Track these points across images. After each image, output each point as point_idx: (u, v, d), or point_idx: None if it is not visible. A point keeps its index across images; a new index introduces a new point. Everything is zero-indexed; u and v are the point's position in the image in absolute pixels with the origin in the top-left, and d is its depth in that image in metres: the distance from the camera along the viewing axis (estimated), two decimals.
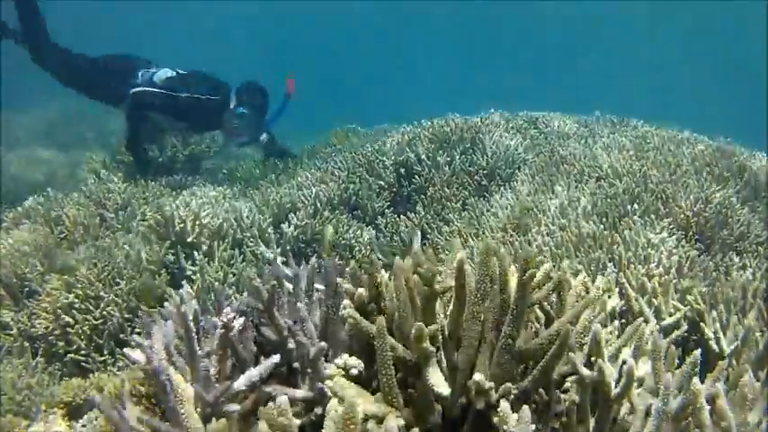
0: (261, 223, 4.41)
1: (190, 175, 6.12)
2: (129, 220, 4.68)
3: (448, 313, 1.94)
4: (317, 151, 6.83)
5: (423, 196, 5.01)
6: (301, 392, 2.02)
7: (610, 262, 3.32)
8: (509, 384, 1.76)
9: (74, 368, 3.85)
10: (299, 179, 5.46)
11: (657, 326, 2.84)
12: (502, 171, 5.14)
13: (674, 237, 3.65)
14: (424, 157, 5.24)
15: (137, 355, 2.15)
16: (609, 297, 2.67)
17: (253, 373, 1.94)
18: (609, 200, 4.06)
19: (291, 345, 2.16)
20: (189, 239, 4.22)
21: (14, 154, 8.38)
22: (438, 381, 1.76)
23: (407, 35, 38.50)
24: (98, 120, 10.74)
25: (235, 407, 1.85)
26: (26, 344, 3.99)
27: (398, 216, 4.93)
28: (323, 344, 2.00)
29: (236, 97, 6.32)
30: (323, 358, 2.03)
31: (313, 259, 2.41)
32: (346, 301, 2.08)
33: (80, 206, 4.92)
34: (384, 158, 5.37)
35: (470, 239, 4.04)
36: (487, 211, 4.40)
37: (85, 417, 3.23)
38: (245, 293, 2.87)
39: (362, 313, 2.03)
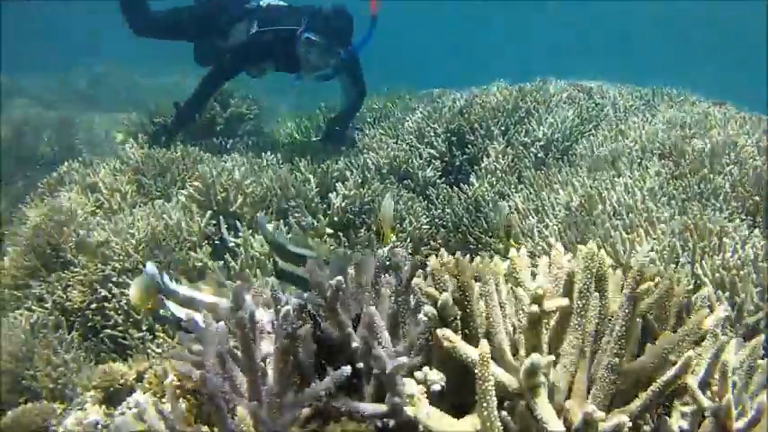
0: (307, 192, 4.18)
1: (230, 139, 5.87)
2: (168, 188, 4.47)
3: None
4: (361, 116, 6.47)
5: (476, 167, 4.78)
6: (373, 408, 1.81)
7: (682, 250, 3.06)
8: (625, 418, 1.55)
9: (111, 344, 3.69)
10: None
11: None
12: (559, 143, 4.89)
13: (745, 223, 3.36)
14: (477, 125, 4.99)
15: (184, 368, 1.95)
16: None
17: (319, 388, 1.73)
18: (674, 180, 3.78)
19: (355, 344, 1.95)
20: (232, 209, 4.01)
21: (47, 116, 8.20)
22: (550, 416, 1.55)
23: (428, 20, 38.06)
24: (132, 80, 10.59)
25: None
26: (61, 317, 3.84)
27: (451, 187, 4.69)
28: (404, 360, 1.78)
29: (306, 23, 5.37)
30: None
31: (381, 250, 2.18)
32: (428, 308, 1.85)
33: (117, 172, 4.71)
34: (435, 126, 5.13)
35: (530, 216, 3.81)
36: (546, 186, 4.16)
37: (123, 404, 3.07)
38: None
39: (443, 319, 1.84)
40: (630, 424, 1.56)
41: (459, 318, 1.88)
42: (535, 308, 1.62)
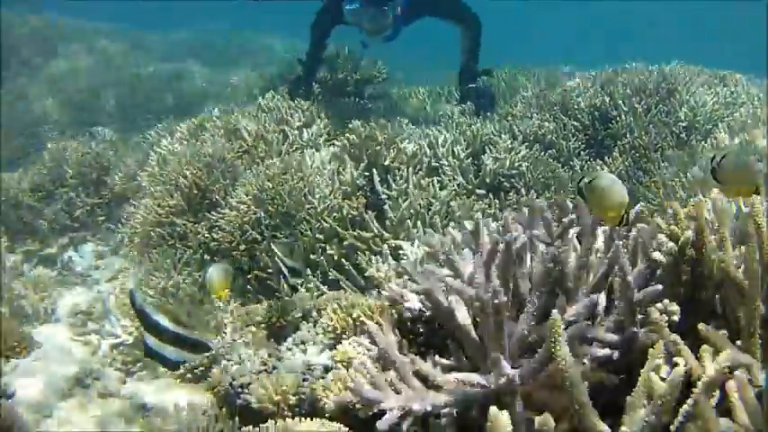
0: (459, 153, 4.14)
1: (359, 100, 5.83)
2: (315, 138, 4.47)
3: None
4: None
5: (619, 142, 4.79)
6: (610, 337, 1.79)
7: None
8: None
9: (257, 285, 3.70)
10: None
11: None
12: (701, 126, 4.89)
13: None
14: (620, 102, 4.99)
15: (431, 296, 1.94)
16: None
17: (572, 312, 1.71)
18: None
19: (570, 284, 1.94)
20: (385, 163, 3.99)
21: (177, 68, 8.28)
22: None
23: None
24: (264, 37, 10.64)
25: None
26: (206, 257, 3.86)
27: (594, 160, 4.70)
28: (658, 287, 1.76)
29: None
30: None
31: None
32: (671, 245, 1.92)
33: (259, 121, 4.71)
34: (579, 100, 5.12)
35: (679, 191, 3.86)
36: (692, 165, 4.11)
37: (289, 339, 3.06)
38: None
39: (682, 255, 1.92)
40: None
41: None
42: None
